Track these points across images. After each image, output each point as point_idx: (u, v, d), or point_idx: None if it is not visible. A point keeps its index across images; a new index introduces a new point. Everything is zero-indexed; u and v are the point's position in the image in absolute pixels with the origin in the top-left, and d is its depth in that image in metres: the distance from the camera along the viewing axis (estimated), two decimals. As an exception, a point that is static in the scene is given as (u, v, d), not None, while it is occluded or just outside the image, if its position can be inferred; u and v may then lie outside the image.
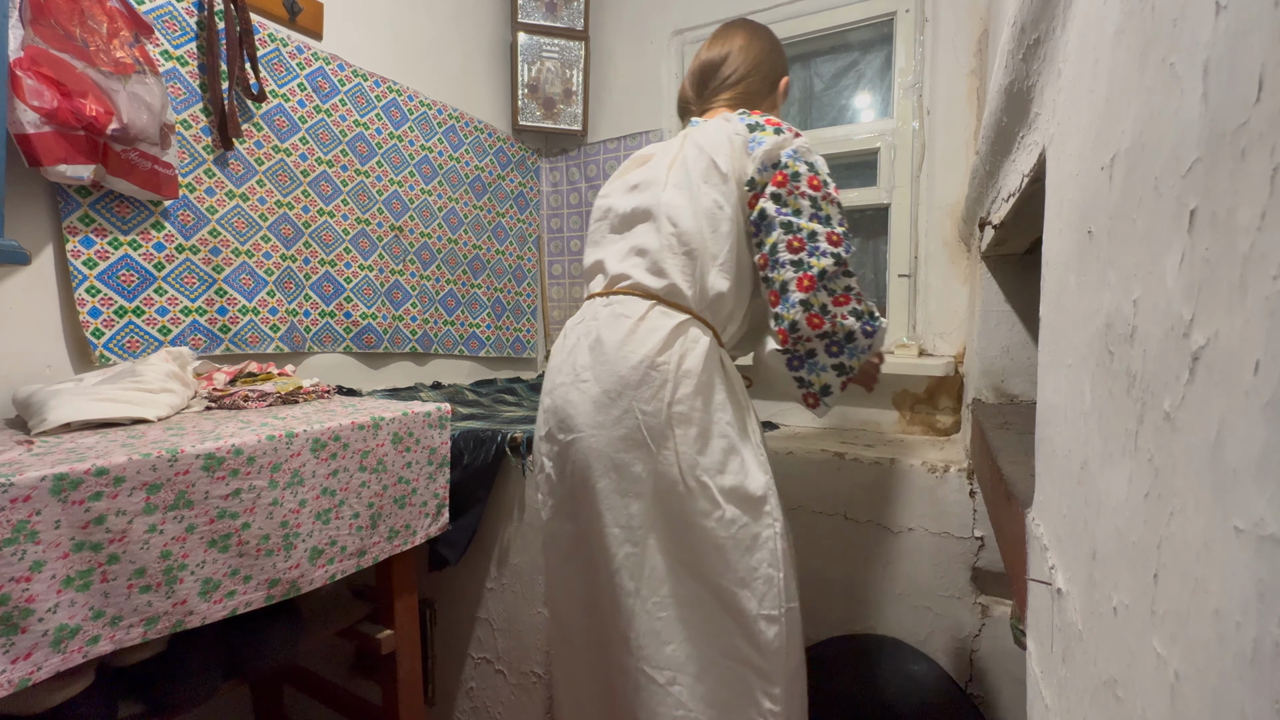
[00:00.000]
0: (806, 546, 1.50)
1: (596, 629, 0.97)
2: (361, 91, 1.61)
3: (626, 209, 1.03)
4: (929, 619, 1.37)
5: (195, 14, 1.24)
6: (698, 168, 0.98)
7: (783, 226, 0.92)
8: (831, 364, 0.96)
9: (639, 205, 1.01)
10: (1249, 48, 0.19)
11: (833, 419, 1.79)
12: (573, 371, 0.98)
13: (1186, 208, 0.23)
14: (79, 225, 1.09)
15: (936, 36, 1.61)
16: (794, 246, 0.92)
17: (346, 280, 1.59)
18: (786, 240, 0.92)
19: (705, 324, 0.96)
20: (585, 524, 0.96)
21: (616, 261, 1.01)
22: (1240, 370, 0.19)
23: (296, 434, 0.90)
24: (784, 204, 0.93)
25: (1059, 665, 0.40)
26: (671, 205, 0.97)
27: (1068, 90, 0.46)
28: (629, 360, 0.92)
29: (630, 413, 0.91)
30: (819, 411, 1.01)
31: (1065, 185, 0.45)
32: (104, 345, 1.12)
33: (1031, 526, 0.50)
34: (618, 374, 0.93)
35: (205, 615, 0.80)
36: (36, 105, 0.93)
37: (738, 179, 0.96)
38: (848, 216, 0.98)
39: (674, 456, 0.90)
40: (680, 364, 0.91)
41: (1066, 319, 0.42)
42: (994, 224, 0.98)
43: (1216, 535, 0.20)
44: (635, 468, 0.92)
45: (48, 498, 0.66)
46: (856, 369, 0.98)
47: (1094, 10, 0.38)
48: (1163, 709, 0.24)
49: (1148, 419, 0.27)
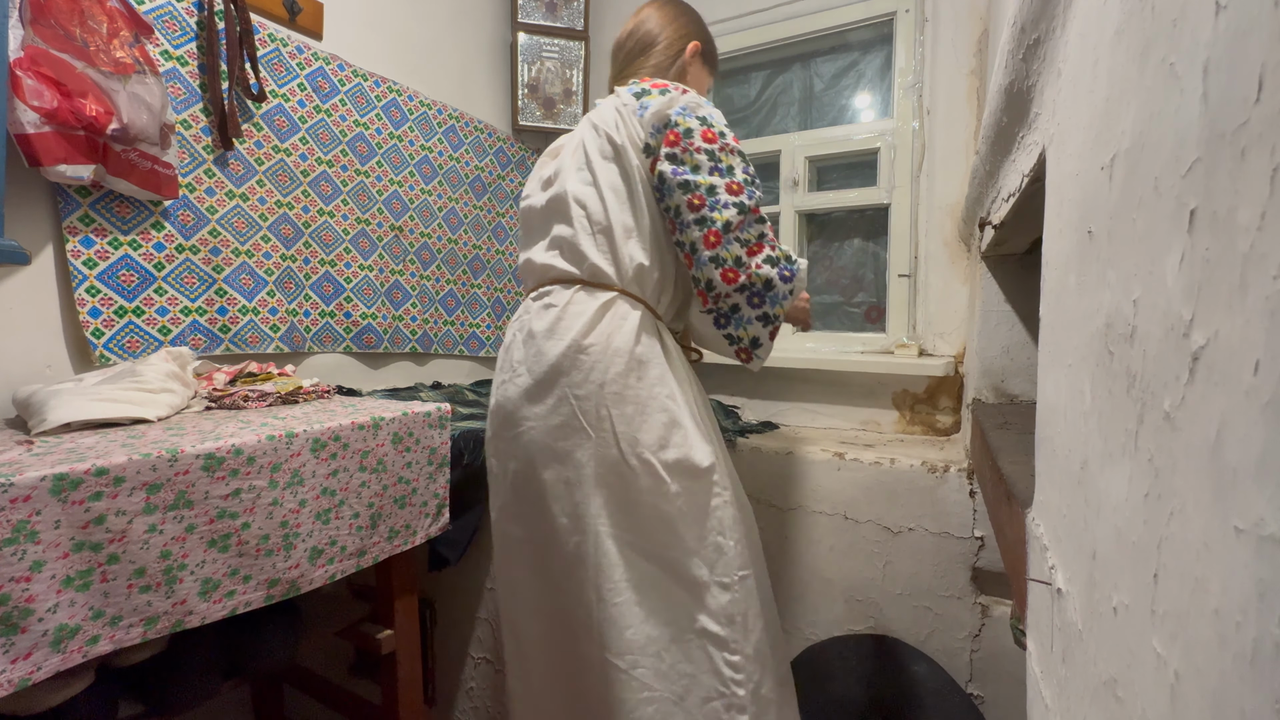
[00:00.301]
0: (806, 547, 1.50)
1: (556, 629, 0.96)
2: (361, 91, 1.61)
3: (541, 204, 1.04)
4: (929, 619, 1.37)
5: (195, 14, 1.24)
6: (595, 147, 0.98)
7: (680, 187, 0.91)
8: (755, 315, 0.95)
9: (551, 197, 1.02)
10: (1249, 48, 0.19)
11: (833, 419, 1.79)
12: (510, 368, 0.99)
13: (1186, 208, 0.23)
14: (79, 225, 1.09)
15: (936, 36, 1.61)
16: (694, 205, 0.90)
17: (346, 280, 1.59)
18: (686, 200, 0.91)
19: (634, 298, 0.95)
20: (533, 522, 0.96)
21: (541, 257, 1.02)
22: (1240, 370, 0.19)
23: (296, 434, 0.90)
24: (680, 163, 0.92)
25: (1059, 665, 0.40)
26: (576, 190, 0.98)
27: (1068, 90, 0.46)
28: (558, 347, 0.92)
29: (564, 399, 0.91)
30: (753, 365, 1.00)
31: (1065, 185, 0.45)
32: (104, 345, 1.12)
33: (1031, 526, 0.50)
34: (548, 362, 0.93)
35: (205, 615, 0.80)
36: (36, 105, 0.93)
37: (635, 148, 0.96)
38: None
39: (613, 438, 0.89)
40: (609, 343, 0.91)
41: (1066, 319, 0.42)
42: (994, 224, 0.98)
43: (1216, 535, 0.20)
44: (576, 454, 0.91)
45: (48, 498, 0.66)
46: (782, 316, 0.97)
47: (1094, 10, 0.38)
48: (1163, 709, 0.24)
49: (1148, 419, 0.27)
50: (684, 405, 0.93)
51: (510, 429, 0.98)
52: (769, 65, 1.95)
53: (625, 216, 0.95)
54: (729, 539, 0.91)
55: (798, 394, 1.83)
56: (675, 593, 0.90)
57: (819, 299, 1.91)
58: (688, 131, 0.92)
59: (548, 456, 0.93)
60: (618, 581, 0.88)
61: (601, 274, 0.95)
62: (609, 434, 0.89)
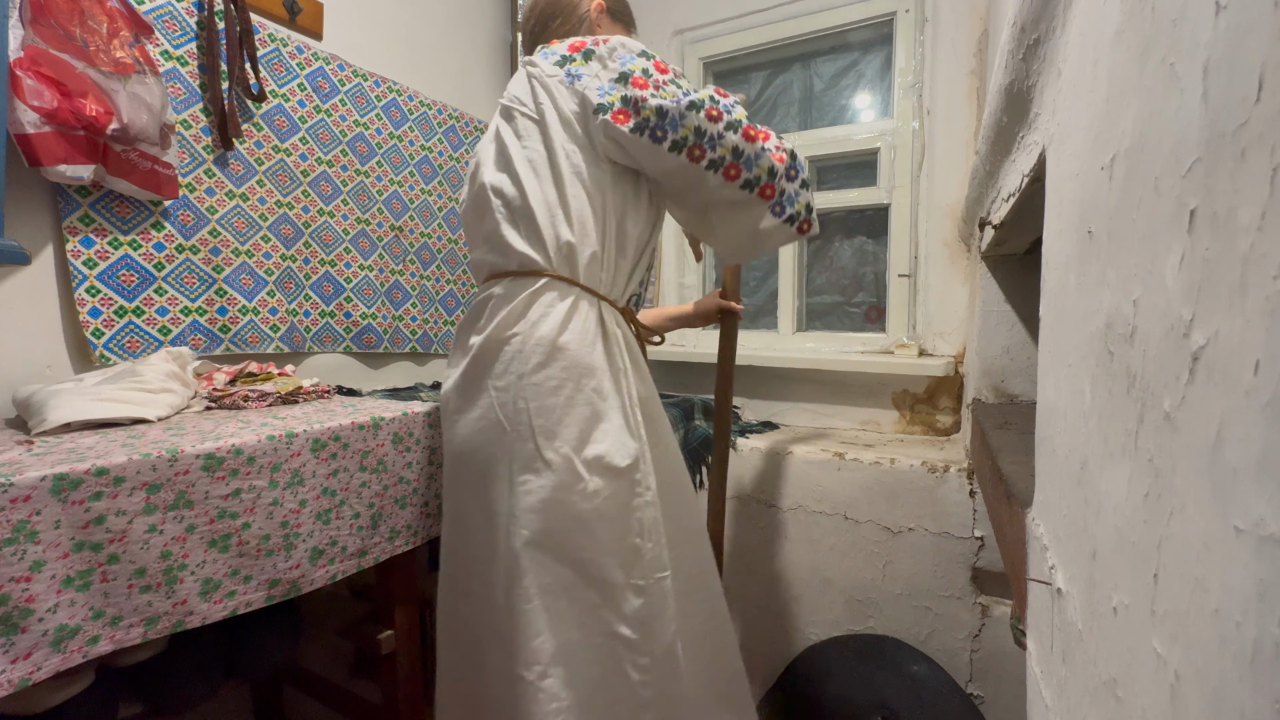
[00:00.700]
0: (806, 546, 1.50)
1: (475, 643, 0.90)
2: (361, 91, 1.61)
3: (469, 203, 1.00)
4: (929, 619, 1.37)
5: (195, 14, 1.24)
6: (508, 130, 0.94)
7: (690, 108, 0.86)
8: (798, 187, 0.95)
9: (473, 194, 0.98)
10: (1249, 48, 0.19)
11: (833, 419, 1.79)
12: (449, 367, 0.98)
13: (1186, 208, 0.23)
14: (79, 225, 1.09)
15: (936, 36, 1.61)
16: (713, 116, 0.87)
17: (346, 280, 1.59)
18: (704, 114, 0.87)
19: (567, 281, 0.89)
20: (460, 526, 0.92)
21: (475, 255, 0.99)
22: (1240, 370, 0.19)
23: (296, 434, 0.90)
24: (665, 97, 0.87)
25: (1059, 665, 0.40)
26: (492, 179, 0.94)
27: (1068, 90, 0.46)
28: (479, 341, 0.89)
29: (485, 394, 0.88)
30: (812, 230, 0.98)
31: (1065, 185, 0.45)
32: (104, 345, 1.12)
33: (1031, 526, 0.50)
34: (471, 357, 0.90)
35: (205, 615, 0.80)
36: (36, 105, 0.93)
37: (562, 119, 0.91)
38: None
39: (529, 432, 0.85)
40: (533, 333, 0.86)
41: (1066, 319, 0.42)
42: (994, 224, 0.98)
43: (1216, 535, 0.20)
44: (492, 450, 0.87)
45: (48, 498, 0.66)
46: (807, 177, 0.97)
47: (1094, 10, 0.38)
48: (1163, 709, 0.24)
49: (1148, 419, 0.27)
50: (613, 398, 0.88)
51: (447, 430, 0.95)
52: (769, 65, 1.96)
53: (548, 193, 0.90)
54: (648, 540, 0.87)
55: (798, 394, 1.83)
56: (587, 596, 0.85)
57: (819, 299, 1.91)
58: (646, 72, 0.88)
59: (468, 454, 0.90)
60: (527, 587, 0.83)
61: (529, 261, 0.90)
62: (526, 428, 0.85)
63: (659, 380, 2.07)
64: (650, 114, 0.85)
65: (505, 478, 0.86)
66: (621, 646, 0.86)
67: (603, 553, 0.85)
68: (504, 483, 0.86)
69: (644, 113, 0.85)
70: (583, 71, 0.91)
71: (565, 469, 0.84)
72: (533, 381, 0.85)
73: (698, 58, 2.01)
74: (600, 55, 0.91)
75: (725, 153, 0.87)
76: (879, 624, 1.42)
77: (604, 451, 0.86)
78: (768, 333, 1.92)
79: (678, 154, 0.87)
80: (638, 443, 0.89)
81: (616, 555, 0.86)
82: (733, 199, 0.91)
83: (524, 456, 0.85)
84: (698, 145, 0.87)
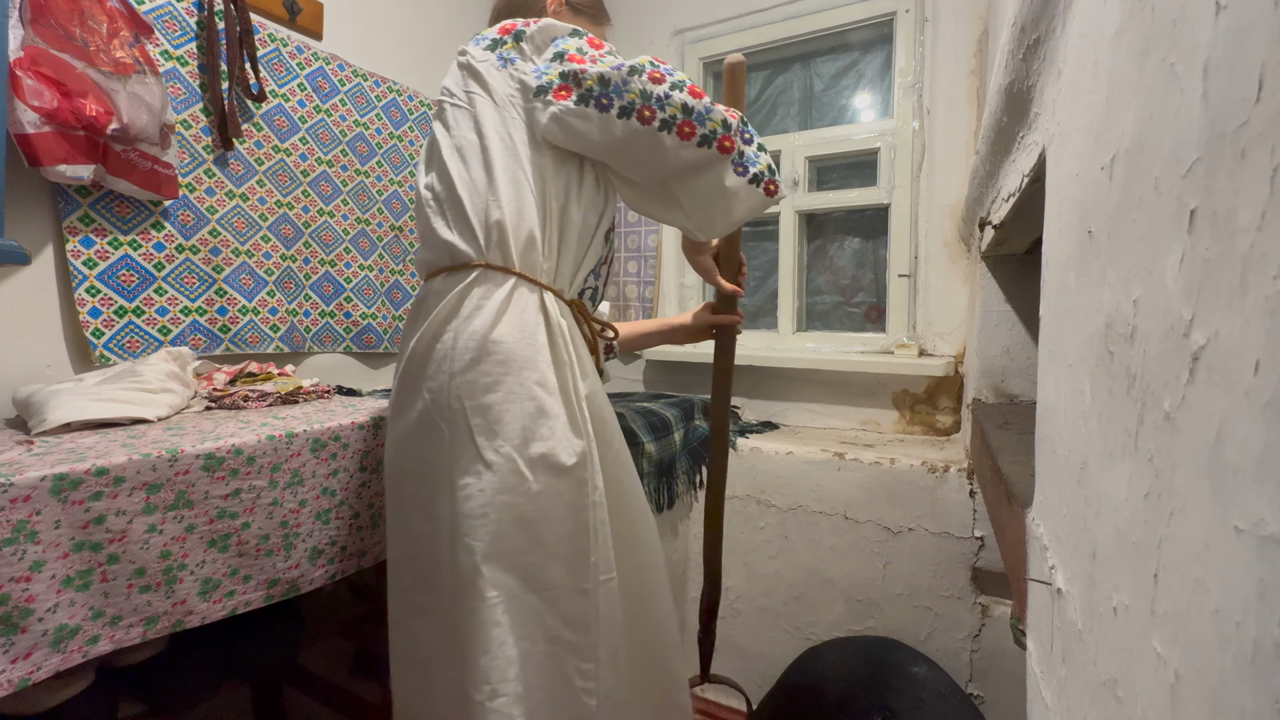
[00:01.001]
0: (806, 546, 1.50)
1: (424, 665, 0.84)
2: (361, 91, 1.61)
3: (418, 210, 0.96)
4: (929, 619, 1.37)
5: (195, 14, 1.24)
6: (440, 127, 0.90)
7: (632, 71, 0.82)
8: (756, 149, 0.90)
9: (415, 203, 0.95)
10: (1249, 48, 0.19)
11: (833, 419, 1.79)
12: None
13: (1186, 208, 0.23)
14: (79, 225, 1.09)
15: (936, 36, 1.61)
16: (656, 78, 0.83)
17: (346, 280, 1.59)
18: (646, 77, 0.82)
19: (501, 270, 0.84)
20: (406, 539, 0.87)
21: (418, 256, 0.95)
22: (1240, 370, 0.19)
23: (296, 434, 0.90)
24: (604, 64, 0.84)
25: (1059, 665, 0.40)
26: (423, 179, 0.91)
27: (1068, 90, 0.46)
28: (412, 341, 0.85)
29: (420, 395, 0.84)
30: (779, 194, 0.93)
31: (1065, 185, 0.45)
32: (104, 345, 1.12)
33: (1031, 526, 0.50)
34: (406, 359, 0.86)
35: (205, 615, 0.80)
36: (36, 105, 0.93)
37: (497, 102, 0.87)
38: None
39: (466, 432, 0.80)
40: (465, 328, 0.81)
41: (1066, 319, 0.42)
42: (994, 224, 0.98)
43: (1216, 535, 0.20)
44: (430, 455, 0.83)
45: (48, 498, 0.66)
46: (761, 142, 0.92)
47: (1094, 10, 0.38)
48: (1163, 709, 0.24)
49: (1148, 419, 0.27)
50: (558, 392, 0.83)
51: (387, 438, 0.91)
52: (769, 65, 1.96)
53: (477, 176, 0.85)
54: (595, 541, 0.83)
55: (798, 394, 1.83)
56: (529, 600, 0.80)
57: (819, 299, 1.91)
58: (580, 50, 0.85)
59: (407, 463, 0.86)
60: (472, 599, 0.78)
61: (459, 253, 0.85)
62: (463, 428, 0.80)
63: (659, 380, 2.08)
64: (593, 83, 0.81)
65: (446, 484, 0.81)
66: (565, 651, 0.81)
67: (547, 556, 0.81)
68: (445, 489, 0.81)
69: (586, 83, 0.82)
70: (515, 55, 0.88)
71: (508, 469, 0.79)
72: (466, 379, 0.80)
73: (698, 58, 2.01)
74: (530, 35, 0.88)
75: (675, 110, 0.82)
76: (879, 624, 1.42)
77: (550, 449, 0.81)
78: (768, 333, 1.92)
79: (628, 119, 0.82)
80: (584, 440, 0.83)
81: (561, 558, 0.81)
82: (692, 160, 0.85)
83: (465, 460, 0.80)
84: (646, 107, 0.81)
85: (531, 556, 0.80)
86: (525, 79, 0.86)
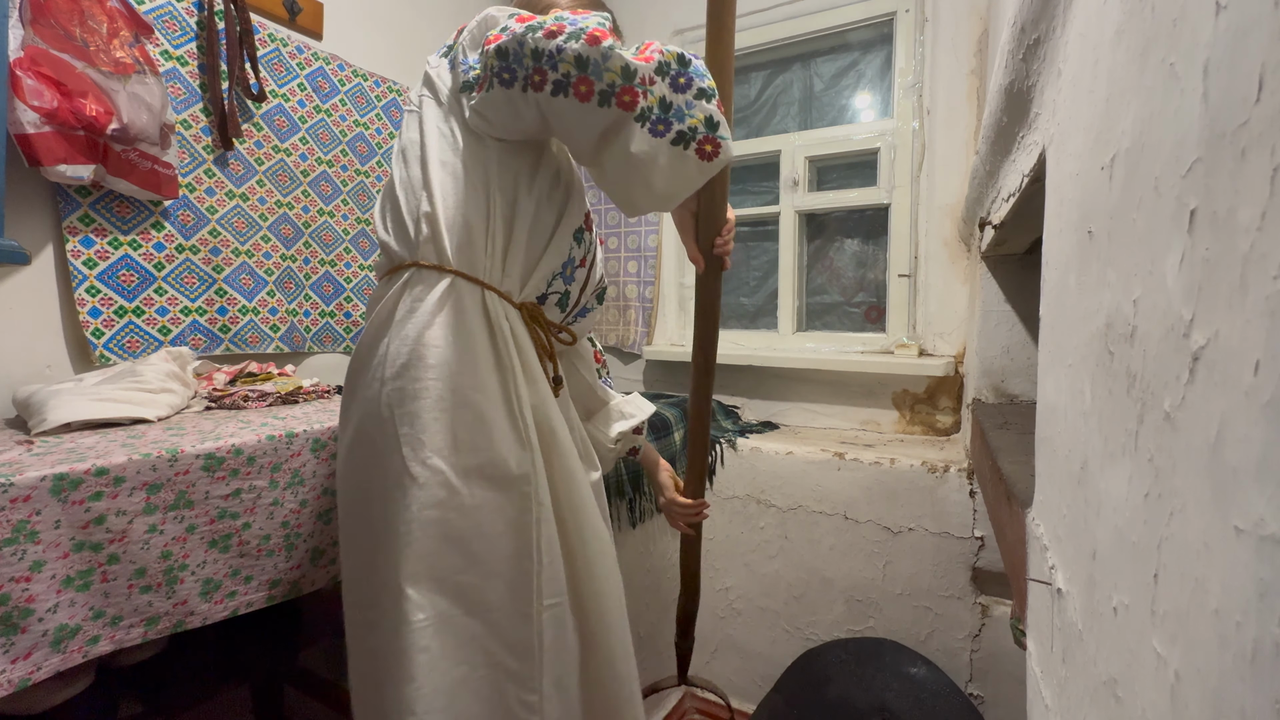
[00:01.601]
0: (806, 546, 1.50)
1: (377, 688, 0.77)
2: (361, 91, 1.61)
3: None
4: (929, 619, 1.37)
5: (195, 14, 1.24)
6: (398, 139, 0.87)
7: (529, 30, 0.69)
8: (691, 96, 0.71)
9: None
10: (1249, 48, 0.19)
11: (833, 419, 1.79)
12: None
13: (1186, 208, 0.23)
14: (79, 225, 1.09)
15: (936, 36, 1.61)
16: (552, 32, 0.68)
17: (346, 280, 1.59)
18: (537, 42, 0.68)
19: (437, 269, 0.77)
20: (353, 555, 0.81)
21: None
22: (1240, 370, 0.19)
23: (296, 434, 0.90)
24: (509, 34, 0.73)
25: (1059, 665, 0.40)
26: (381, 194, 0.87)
27: (1068, 90, 0.46)
28: (354, 350, 0.82)
29: (356, 404, 0.79)
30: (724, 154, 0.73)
31: (1065, 185, 0.45)
32: (104, 345, 1.12)
33: (1031, 526, 0.50)
34: (348, 370, 0.82)
35: (206, 616, 0.80)
36: (36, 105, 0.93)
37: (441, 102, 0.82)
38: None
39: (396, 442, 0.73)
40: (398, 332, 0.75)
41: (1066, 319, 0.42)
42: (994, 224, 0.98)
43: (1216, 535, 0.20)
44: (367, 468, 0.77)
45: (48, 498, 0.66)
46: (708, 86, 0.72)
47: (1094, 10, 0.38)
48: (1163, 709, 0.24)
49: (1148, 419, 0.27)
50: (498, 399, 0.76)
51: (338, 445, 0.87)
52: (769, 65, 1.95)
53: (413, 174, 0.79)
54: (541, 560, 0.76)
55: (798, 394, 1.83)
56: (468, 625, 0.74)
57: (819, 299, 1.91)
58: (505, 28, 0.72)
59: (347, 470, 0.81)
60: (399, 624, 0.72)
61: (394, 252, 0.80)
62: (392, 438, 0.74)
63: (659, 380, 2.08)
64: (492, 59, 0.71)
65: (379, 498, 0.75)
66: (505, 678, 0.75)
67: (487, 575, 0.75)
68: (378, 504, 0.75)
69: (488, 61, 0.71)
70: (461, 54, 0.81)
71: (435, 482, 0.73)
72: (396, 386, 0.74)
73: (698, 58, 2.01)
74: (470, 29, 0.81)
75: (568, 67, 0.67)
76: (879, 624, 1.42)
77: (486, 460, 0.75)
78: (768, 333, 1.92)
79: (525, 91, 0.70)
80: (528, 452, 0.77)
81: (503, 577, 0.75)
82: (598, 124, 0.71)
83: (394, 473, 0.74)
84: (537, 70, 0.68)
85: (467, 576, 0.74)
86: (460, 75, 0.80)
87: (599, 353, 1.12)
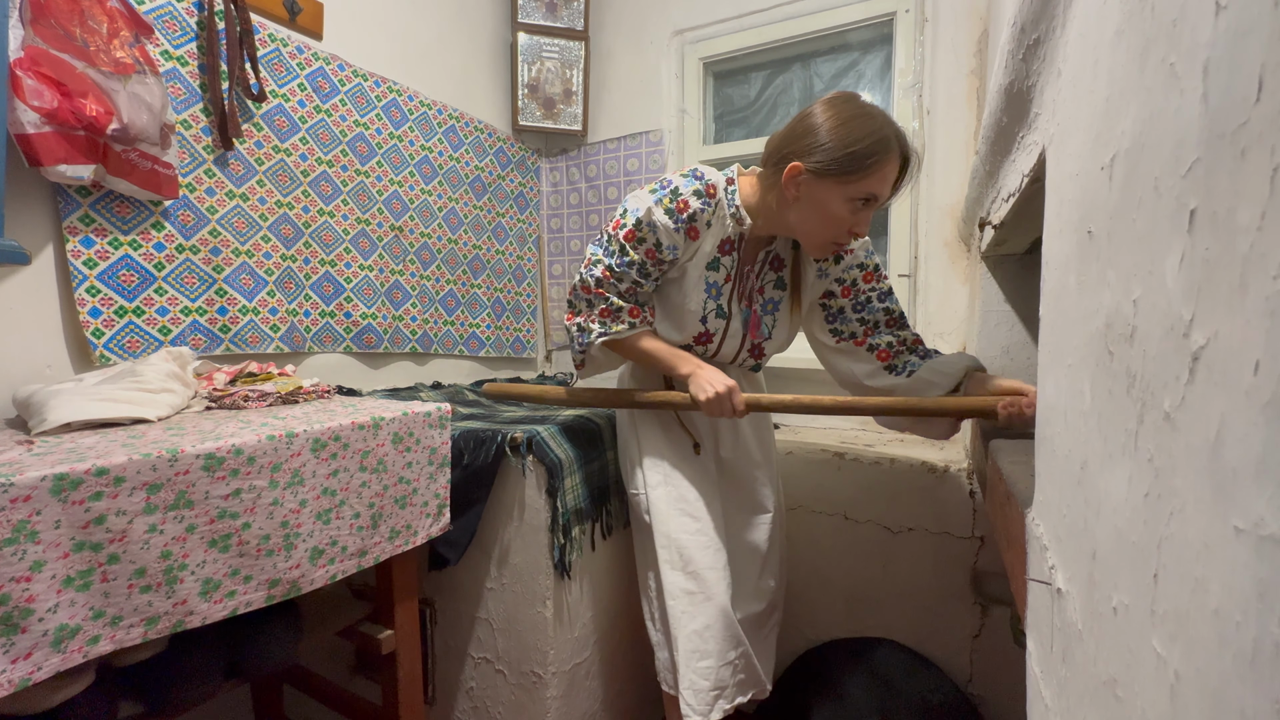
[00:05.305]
0: (807, 546, 1.50)
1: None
2: (361, 91, 1.61)
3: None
4: (929, 619, 1.37)
5: (195, 14, 1.24)
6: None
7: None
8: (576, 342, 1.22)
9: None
10: (1249, 48, 0.19)
11: (833, 419, 1.79)
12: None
13: (1186, 208, 0.23)
14: (79, 225, 1.09)
15: (936, 36, 1.61)
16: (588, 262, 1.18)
17: (346, 280, 1.59)
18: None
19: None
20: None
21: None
22: (1240, 370, 0.19)
23: (296, 434, 0.90)
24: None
25: (1059, 665, 0.40)
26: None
27: (1068, 90, 0.46)
28: None
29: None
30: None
31: (1065, 185, 0.45)
32: (104, 345, 1.12)
33: (1031, 526, 0.50)
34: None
35: (206, 615, 0.80)
36: (36, 105, 0.93)
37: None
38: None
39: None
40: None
41: (1066, 319, 0.42)
42: (994, 224, 0.98)
43: (1216, 535, 0.20)
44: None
45: (48, 498, 0.66)
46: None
47: (1094, 10, 0.38)
48: (1163, 709, 0.24)
49: (1148, 419, 0.27)
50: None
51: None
52: (769, 65, 1.95)
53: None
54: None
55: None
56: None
57: (819, 299, 1.91)
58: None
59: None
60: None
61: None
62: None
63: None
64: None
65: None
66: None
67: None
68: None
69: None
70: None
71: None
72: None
73: (698, 58, 2.01)
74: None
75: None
76: (879, 624, 1.42)
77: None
78: (768, 333, 1.92)
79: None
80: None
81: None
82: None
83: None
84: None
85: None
86: None
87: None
